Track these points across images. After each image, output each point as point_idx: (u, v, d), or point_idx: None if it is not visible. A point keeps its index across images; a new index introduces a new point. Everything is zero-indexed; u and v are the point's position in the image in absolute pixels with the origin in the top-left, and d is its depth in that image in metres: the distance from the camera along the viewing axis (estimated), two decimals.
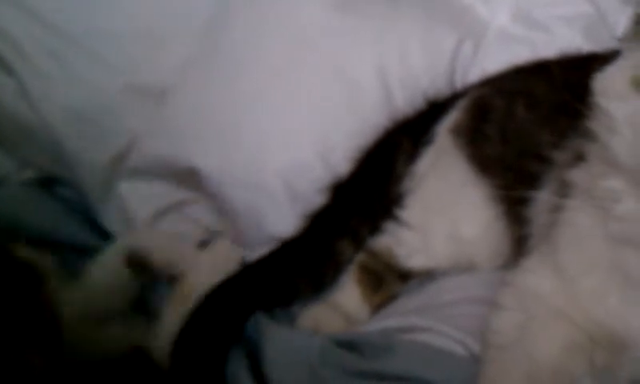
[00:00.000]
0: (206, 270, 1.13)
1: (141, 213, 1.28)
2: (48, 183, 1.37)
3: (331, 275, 1.15)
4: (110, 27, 1.34)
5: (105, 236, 1.30)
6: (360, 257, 1.15)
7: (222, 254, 1.18)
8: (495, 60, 1.24)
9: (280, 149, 1.25)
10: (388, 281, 1.13)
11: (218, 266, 1.13)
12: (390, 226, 1.14)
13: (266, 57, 1.30)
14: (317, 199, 1.20)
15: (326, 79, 1.29)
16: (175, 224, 1.28)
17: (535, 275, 0.89)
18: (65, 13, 1.33)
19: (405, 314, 1.04)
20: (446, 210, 1.11)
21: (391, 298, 1.12)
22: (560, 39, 1.26)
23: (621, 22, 1.28)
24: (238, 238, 1.24)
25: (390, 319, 1.04)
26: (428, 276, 1.12)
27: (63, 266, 1.17)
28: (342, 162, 1.22)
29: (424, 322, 0.99)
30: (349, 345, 0.98)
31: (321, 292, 1.14)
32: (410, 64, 1.31)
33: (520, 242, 1.00)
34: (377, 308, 1.11)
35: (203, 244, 1.25)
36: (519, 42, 1.30)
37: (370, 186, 1.19)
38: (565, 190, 0.89)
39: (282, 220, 1.21)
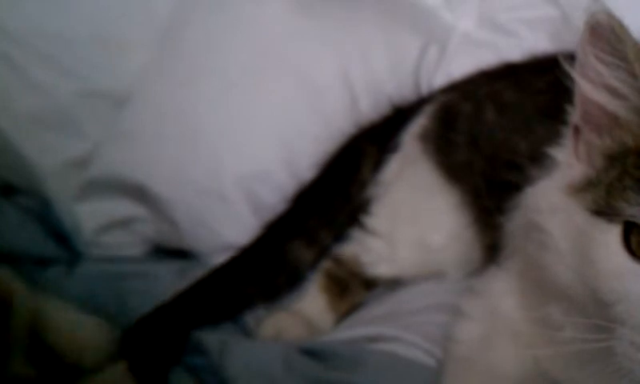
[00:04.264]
0: None
1: (89, 224, 1.24)
2: (7, 192, 1.32)
3: (284, 280, 1.13)
4: (65, 31, 1.31)
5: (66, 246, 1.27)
6: (325, 264, 1.13)
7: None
8: (461, 65, 1.24)
9: (240, 156, 1.23)
10: (353, 288, 1.11)
11: None
12: (356, 234, 1.13)
13: (227, 62, 1.28)
14: (280, 206, 1.19)
15: (289, 84, 1.27)
16: (120, 237, 1.25)
17: (502, 291, 0.85)
18: (17, 16, 1.30)
19: (372, 323, 1.03)
20: (414, 217, 1.09)
21: (357, 305, 1.11)
22: (525, 43, 1.25)
23: None
24: (194, 249, 1.22)
25: (357, 328, 1.02)
26: (394, 283, 1.10)
27: (21, 277, 1.13)
28: (306, 169, 1.21)
29: (391, 331, 0.98)
30: (314, 354, 0.96)
31: (275, 299, 1.12)
32: (374, 69, 1.29)
33: (490, 249, 0.99)
34: (341, 316, 1.10)
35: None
36: (484, 46, 1.29)
37: (331, 190, 1.18)
38: None
39: (242, 229, 1.19)
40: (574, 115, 0.74)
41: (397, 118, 1.20)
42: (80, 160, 1.28)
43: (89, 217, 1.25)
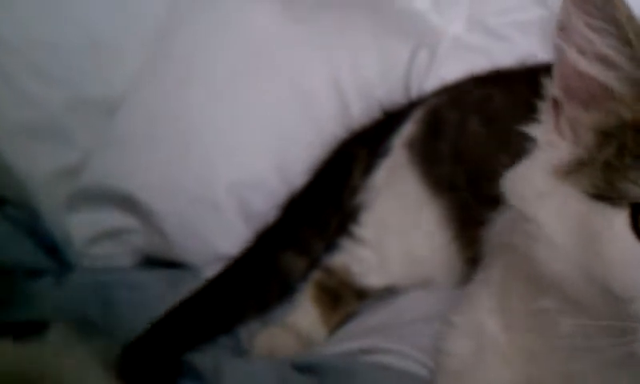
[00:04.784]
0: None
1: (79, 235, 1.23)
2: None
3: (277, 291, 1.12)
4: (52, 39, 1.29)
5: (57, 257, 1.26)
6: (315, 275, 1.12)
7: None
8: (451, 69, 1.23)
9: (232, 163, 1.22)
10: (345, 298, 1.10)
11: None
12: (345, 243, 1.12)
13: (218, 69, 1.27)
14: (273, 215, 1.18)
15: (280, 90, 1.26)
16: (110, 248, 1.24)
17: (485, 308, 0.81)
18: (5, 24, 1.28)
19: (366, 335, 1.01)
20: (401, 230, 1.08)
21: (349, 315, 1.10)
22: (516, 45, 1.25)
23: None
24: (185, 260, 1.20)
25: (351, 341, 1.01)
26: (387, 292, 1.09)
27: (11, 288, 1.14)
28: (298, 176, 1.20)
29: (385, 342, 0.97)
30: (309, 368, 0.95)
31: (268, 311, 1.11)
32: (365, 74, 1.28)
33: (471, 262, 0.97)
34: (334, 327, 1.09)
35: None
36: (475, 50, 1.29)
37: (322, 197, 1.17)
38: None
39: (234, 238, 1.17)
40: (553, 88, 0.67)
41: (388, 122, 1.19)
42: (70, 169, 1.27)
43: (79, 228, 1.24)
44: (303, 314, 1.09)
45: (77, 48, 1.29)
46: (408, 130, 1.12)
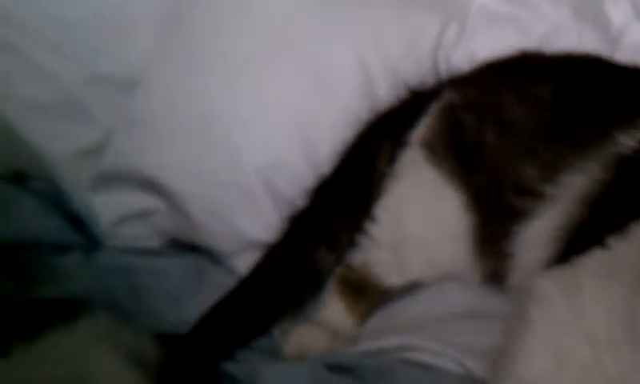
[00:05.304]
0: None
1: (105, 216, 1.22)
2: (18, 179, 1.29)
3: (311, 289, 1.12)
4: (66, 15, 1.24)
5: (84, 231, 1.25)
6: (339, 270, 1.13)
7: None
8: (481, 43, 1.20)
9: (255, 145, 1.19)
10: (369, 291, 1.11)
11: None
12: (364, 242, 1.12)
13: (236, 51, 1.22)
14: (300, 198, 1.17)
15: (301, 70, 1.22)
16: (138, 229, 1.23)
17: (572, 335, 0.78)
18: (19, 2, 1.23)
19: (399, 332, 1.02)
20: (421, 234, 1.07)
21: (376, 305, 1.11)
22: (547, 17, 1.20)
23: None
24: (211, 245, 1.20)
25: (385, 338, 1.02)
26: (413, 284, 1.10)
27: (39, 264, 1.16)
28: (324, 158, 1.18)
29: (419, 340, 0.98)
30: (343, 368, 0.96)
31: (303, 309, 1.11)
32: (391, 50, 1.24)
33: (490, 276, 0.98)
34: (362, 318, 1.10)
35: None
36: (505, 20, 1.25)
37: (349, 190, 1.15)
38: None
39: (263, 223, 1.16)
40: None
41: (413, 105, 1.16)
42: (92, 148, 1.24)
43: (104, 208, 1.23)
44: (330, 309, 1.10)
45: (89, 24, 1.24)
46: (424, 126, 1.10)
